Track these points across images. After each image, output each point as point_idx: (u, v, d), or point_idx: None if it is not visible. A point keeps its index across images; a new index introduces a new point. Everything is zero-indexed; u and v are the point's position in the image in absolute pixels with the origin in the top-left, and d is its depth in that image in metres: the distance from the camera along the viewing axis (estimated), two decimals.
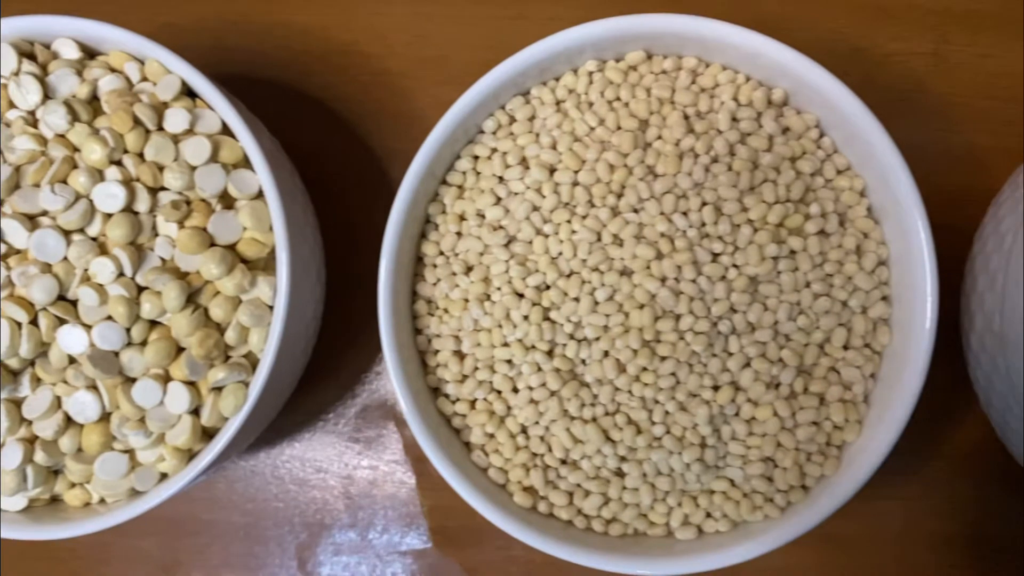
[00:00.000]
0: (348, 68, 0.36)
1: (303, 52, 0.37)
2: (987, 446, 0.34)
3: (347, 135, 0.36)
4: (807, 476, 0.28)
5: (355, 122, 0.36)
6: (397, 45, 0.36)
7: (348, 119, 0.36)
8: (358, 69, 0.36)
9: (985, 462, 0.34)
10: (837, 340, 0.27)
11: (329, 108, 0.36)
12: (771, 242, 0.27)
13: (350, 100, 0.36)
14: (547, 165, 0.28)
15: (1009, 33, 0.35)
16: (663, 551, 0.28)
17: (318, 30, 0.37)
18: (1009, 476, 0.34)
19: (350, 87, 0.36)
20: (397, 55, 0.36)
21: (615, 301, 0.27)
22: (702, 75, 0.28)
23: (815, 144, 0.28)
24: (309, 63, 0.37)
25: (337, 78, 0.36)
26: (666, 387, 0.27)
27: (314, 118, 0.36)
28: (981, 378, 0.31)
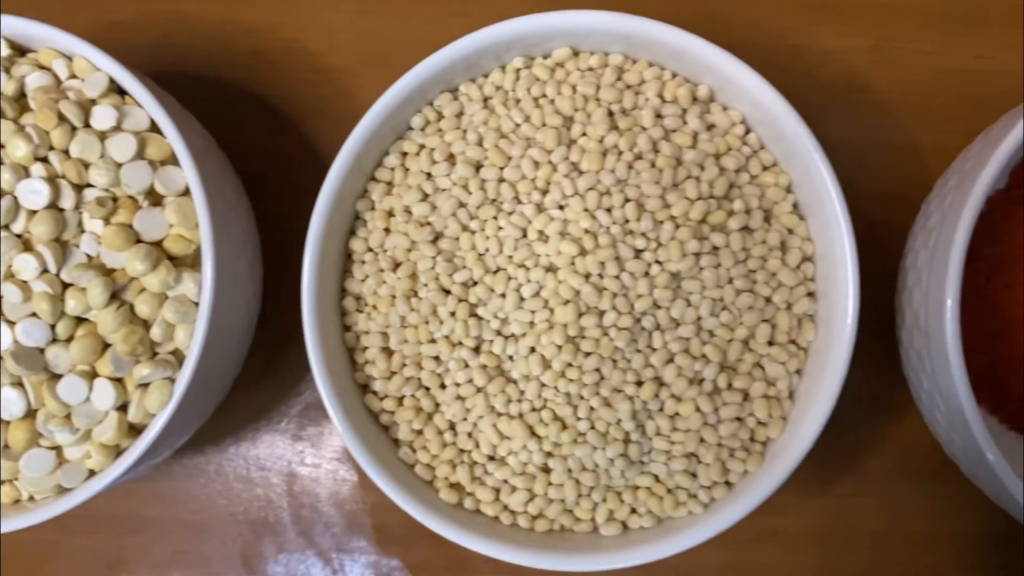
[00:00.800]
0: (292, 65, 0.36)
1: (248, 50, 0.37)
2: (927, 443, 0.34)
3: (291, 132, 0.36)
4: (731, 472, 0.28)
5: (299, 119, 0.36)
6: (341, 42, 0.36)
7: (292, 116, 0.36)
8: (302, 67, 0.36)
9: (925, 459, 0.34)
10: (761, 336, 0.27)
11: (273, 106, 0.36)
12: (692, 238, 0.27)
13: (294, 97, 0.36)
14: (473, 162, 0.28)
15: (950, 30, 0.35)
16: (589, 547, 0.27)
17: (263, 28, 0.37)
18: (948, 472, 0.34)
19: (294, 84, 0.36)
20: (341, 52, 0.36)
21: (541, 297, 0.27)
22: (628, 72, 0.28)
23: (741, 140, 0.28)
24: (254, 61, 0.37)
25: (281, 75, 0.36)
26: (590, 383, 0.27)
27: (258, 115, 0.36)
28: (911, 375, 0.31)
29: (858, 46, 0.35)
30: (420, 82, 0.28)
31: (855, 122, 0.35)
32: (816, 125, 0.35)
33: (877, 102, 0.35)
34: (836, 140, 0.35)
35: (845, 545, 0.35)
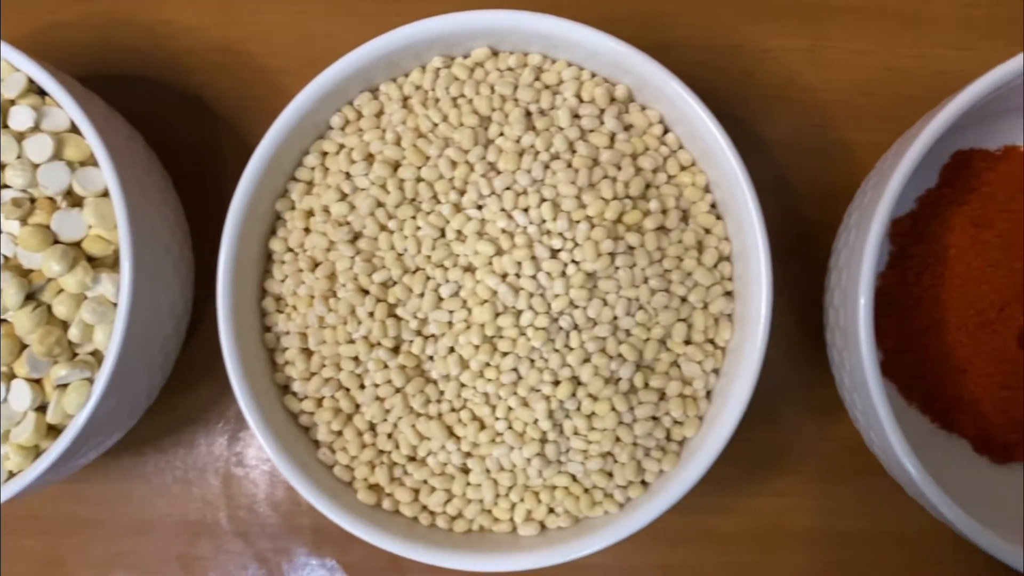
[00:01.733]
0: (229, 66, 0.36)
1: (185, 50, 0.37)
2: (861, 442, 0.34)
3: (228, 132, 0.36)
4: (646, 472, 0.27)
5: (236, 119, 0.36)
6: (279, 43, 0.36)
7: (229, 116, 0.36)
8: (239, 66, 0.36)
9: (860, 458, 0.34)
10: (678, 335, 0.27)
11: (210, 105, 0.36)
12: (607, 238, 0.27)
13: (232, 97, 0.36)
14: (391, 161, 0.28)
15: (884, 29, 0.35)
16: (507, 547, 0.27)
17: (200, 28, 0.37)
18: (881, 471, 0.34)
19: (232, 84, 0.36)
20: (278, 53, 0.36)
21: (459, 297, 0.27)
22: (547, 72, 0.28)
23: (659, 140, 0.28)
24: (191, 60, 0.36)
25: (218, 76, 0.36)
26: (507, 382, 0.27)
27: (195, 115, 0.36)
28: (836, 374, 0.31)
29: (795, 45, 0.35)
30: (337, 81, 0.27)
31: (792, 121, 0.35)
32: (753, 124, 0.35)
33: (813, 101, 0.35)
34: (773, 139, 0.35)
35: (779, 545, 0.35)
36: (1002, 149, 0.33)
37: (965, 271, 0.31)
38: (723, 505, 0.35)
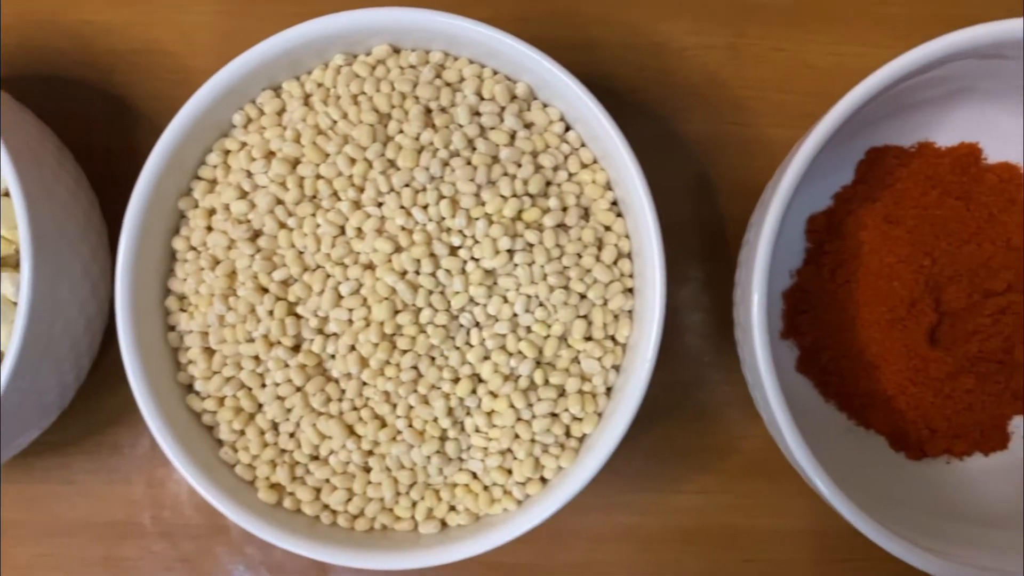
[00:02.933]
0: (151, 66, 0.36)
1: (107, 50, 0.36)
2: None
3: (148, 133, 0.36)
4: (545, 468, 0.27)
5: (157, 120, 0.36)
6: (200, 43, 0.36)
7: (151, 117, 0.36)
8: (161, 67, 0.36)
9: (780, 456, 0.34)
10: (577, 332, 0.27)
11: (132, 106, 0.36)
12: (505, 235, 0.27)
13: (153, 98, 0.36)
14: (291, 159, 0.28)
15: (803, 27, 0.35)
16: (409, 545, 0.27)
17: (122, 28, 0.36)
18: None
19: (153, 85, 0.36)
20: (201, 53, 0.36)
21: (360, 295, 0.27)
22: (448, 69, 0.28)
23: (559, 138, 0.28)
24: (113, 61, 0.36)
25: (140, 76, 0.36)
26: (407, 380, 0.27)
27: (115, 116, 0.36)
28: (743, 368, 0.31)
29: (714, 43, 0.35)
30: (237, 79, 0.27)
31: (711, 118, 0.35)
32: (672, 122, 0.35)
33: (732, 98, 0.35)
34: (692, 137, 0.35)
35: (700, 543, 0.35)
36: (916, 145, 0.33)
37: (877, 267, 0.31)
38: (646, 503, 0.35)
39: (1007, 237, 0.32)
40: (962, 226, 0.31)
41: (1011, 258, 0.31)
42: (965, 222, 0.31)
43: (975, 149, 0.33)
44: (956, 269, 0.31)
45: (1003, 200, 0.32)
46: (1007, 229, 0.32)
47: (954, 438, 0.32)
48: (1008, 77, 0.30)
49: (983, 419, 0.32)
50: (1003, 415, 0.32)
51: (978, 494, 0.32)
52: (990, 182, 0.32)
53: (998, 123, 0.32)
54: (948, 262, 0.31)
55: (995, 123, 0.32)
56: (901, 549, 0.27)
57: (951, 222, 0.31)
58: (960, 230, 0.31)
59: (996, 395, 0.31)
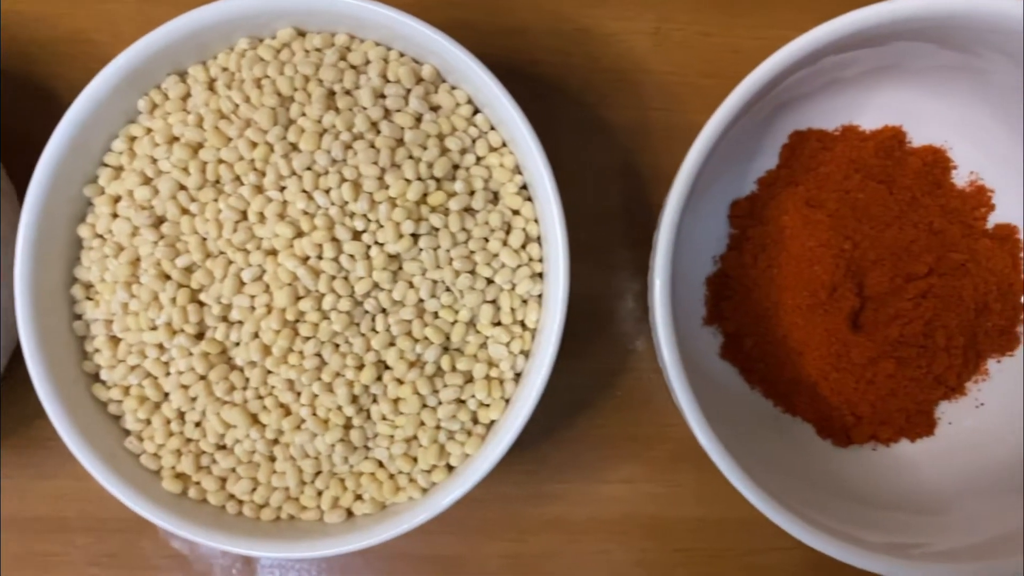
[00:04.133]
0: (76, 57, 0.36)
1: (30, 41, 0.36)
2: None
3: None
4: (451, 455, 0.27)
5: None
6: (126, 32, 0.36)
7: None
8: (87, 57, 0.36)
9: None
10: (485, 317, 0.27)
11: (55, 96, 0.36)
12: (408, 219, 0.26)
13: (77, 88, 0.35)
14: (193, 144, 0.27)
15: (729, 10, 0.35)
16: (316, 534, 0.27)
17: (46, 18, 0.36)
18: None
19: (79, 75, 0.36)
20: (125, 42, 0.35)
21: (263, 281, 0.27)
22: (354, 52, 0.28)
23: (467, 121, 0.28)
24: (38, 51, 0.36)
25: (65, 67, 0.36)
26: (310, 368, 0.27)
27: (42, 107, 0.36)
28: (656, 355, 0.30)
29: (639, 28, 0.35)
30: (137, 63, 0.27)
31: (638, 104, 0.35)
32: (599, 108, 0.35)
33: (659, 84, 0.35)
34: (619, 123, 0.35)
35: (627, 533, 0.34)
36: (840, 128, 0.32)
37: (798, 252, 0.31)
38: (573, 493, 0.34)
39: (929, 220, 0.31)
40: (884, 210, 0.31)
41: (933, 241, 0.31)
42: (888, 206, 0.31)
43: (899, 132, 0.32)
44: (878, 253, 0.31)
45: (927, 183, 0.32)
46: (929, 212, 0.31)
47: (880, 424, 0.32)
48: (932, 58, 0.30)
49: (908, 405, 0.31)
50: (928, 400, 0.32)
51: (906, 481, 0.32)
52: (914, 165, 0.32)
53: (923, 106, 0.32)
54: (870, 246, 0.31)
55: (920, 106, 0.32)
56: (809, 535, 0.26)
57: (873, 206, 0.31)
58: (882, 214, 0.31)
59: (918, 380, 0.31)
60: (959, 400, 0.32)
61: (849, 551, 0.26)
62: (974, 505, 0.31)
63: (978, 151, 0.32)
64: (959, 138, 0.32)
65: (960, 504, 0.31)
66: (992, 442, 0.32)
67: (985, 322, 0.32)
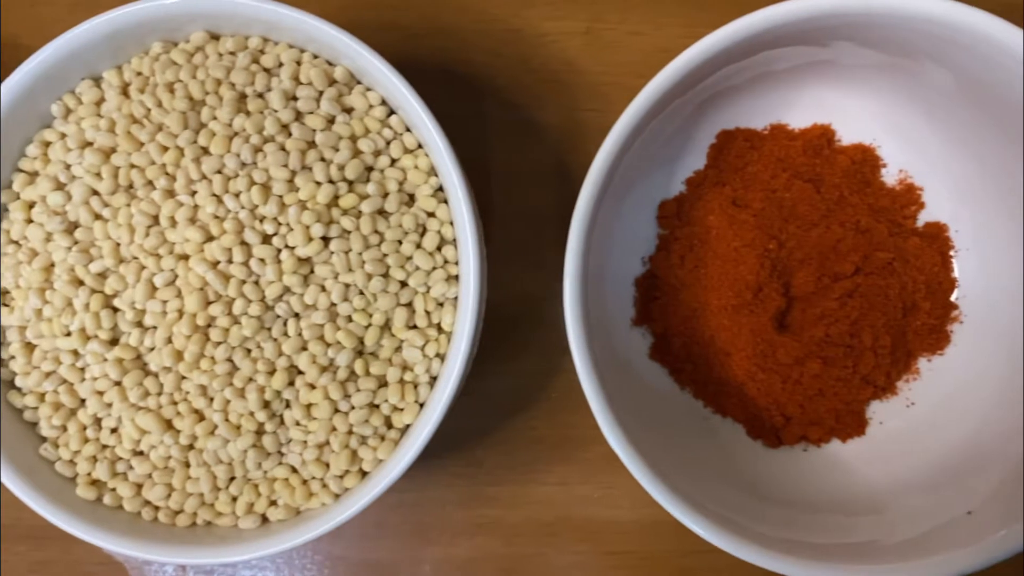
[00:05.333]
0: (7, 62, 0.36)
1: None
2: None
3: None
4: (363, 460, 0.27)
5: None
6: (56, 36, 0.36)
7: None
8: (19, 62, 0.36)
9: None
10: (399, 321, 0.27)
11: None
12: (317, 222, 0.26)
13: None
14: (106, 149, 0.27)
15: (659, 10, 0.35)
16: (231, 540, 0.27)
17: None
18: None
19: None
20: None
21: (175, 286, 0.27)
22: (266, 55, 0.28)
23: (381, 123, 0.28)
24: None
25: None
26: (222, 373, 0.26)
27: None
28: None
29: (571, 29, 0.35)
30: (49, 67, 0.27)
31: (569, 104, 0.35)
32: (531, 110, 0.35)
33: (590, 84, 0.35)
34: (551, 124, 0.35)
35: (561, 535, 0.34)
36: (769, 128, 0.32)
37: (724, 252, 0.31)
38: (507, 496, 0.34)
39: (857, 219, 0.31)
40: (811, 209, 0.31)
41: (860, 240, 0.31)
42: (815, 205, 0.31)
43: (828, 131, 0.32)
44: (806, 253, 0.31)
45: (856, 182, 0.32)
46: (857, 211, 0.31)
47: (809, 425, 0.32)
48: (863, 56, 0.29)
49: (837, 405, 0.31)
50: (858, 400, 0.31)
51: (839, 481, 0.32)
52: (842, 164, 0.32)
53: (853, 104, 0.32)
54: (796, 246, 0.31)
55: (851, 104, 0.32)
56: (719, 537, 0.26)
57: (800, 205, 0.31)
58: (809, 213, 0.31)
59: (846, 380, 0.31)
60: (890, 400, 0.32)
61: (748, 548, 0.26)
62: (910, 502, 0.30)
63: (908, 149, 0.32)
64: (889, 136, 0.32)
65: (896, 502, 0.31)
66: (923, 440, 0.31)
67: (914, 321, 0.31)
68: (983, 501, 0.28)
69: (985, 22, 0.25)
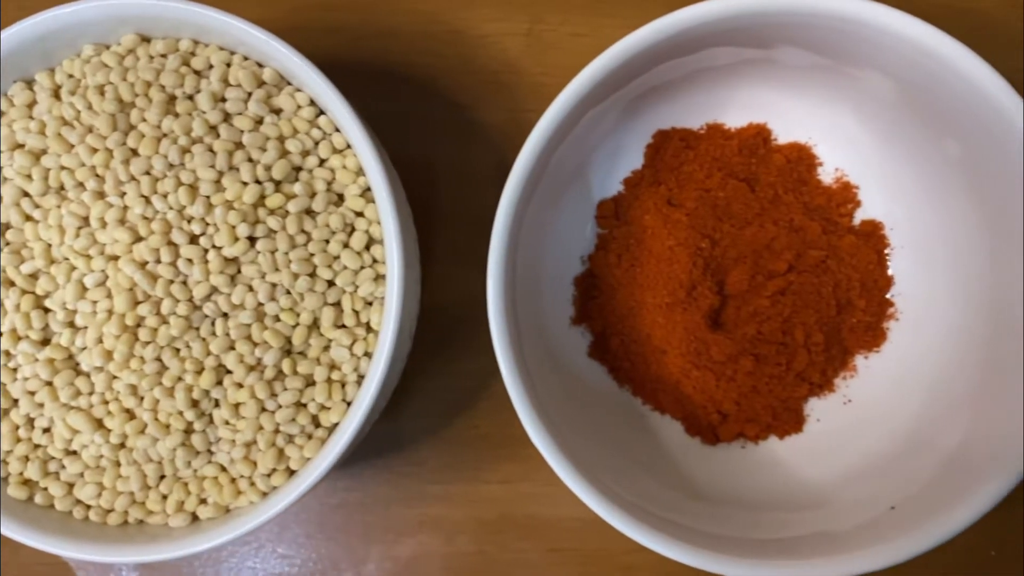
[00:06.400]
0: None
1: None
2: None
3: None
4: (290, 459, 0.27)
5: None
6: None
7: None
8: None
9: None
10: (327, 320, 0.27)
11: None
12: (242, 222, 0.26)
13: None
14: (36, 150, 0.27)
15: (598, 11, 0.35)
16: (162, 539, 0.27)
17: None
18: None
19: None
20: None
21: (105, 287, 0.27)
22: (197, 57, 0.28)
23: (309, 124, 0.28)
24: None
25: None
26: (151, 372, 0.27)
27: None
28: None
29: (512, 30, 0.35)
30: None
31: (511, 106, 0.35)
32: (472, 111, 0.35)
33: (531, 85, 0.35)
34: (493, 125, 0.35)
35: (503, 533, 0.34)
36: (705, 127, 0.33)
37: (659, 251, 0.31)
38: (450, 494, 0.34)
39: (790, 218, 0.31)
40: (745, 208, 0.31)
41: (793, 239, 0.31)
42: (749, 204, 0.31)
43: (764, 130, 0.32)
44: (740, 251, 0.31)
45: (791, 181, 0.32)
46: (791, 210, 0.31)
47: (746, 422, 0.32)
48: (802, 58, 0.29)
49: (772, 402, 0.31)
50: (794, 398, 0.32)
51: (777, 478, 0.32)
52: (778, 163, 0.32)
53: (791, 103, 0.32)
54: (731, 244, 0.31)
55: (788, 103, 0.32)
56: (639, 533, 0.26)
57: (735, 204, 0.31)
58: (743, 212, 0.31)
59: (779, 377, 0.31)
60: (828, 396, 0.32)
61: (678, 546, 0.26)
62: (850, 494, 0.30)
63: (844, 148, 0.32)
64: (825, 135, 0.32)
65: (837, 495, 0.31)
66: (861, 436, 0.32)
67: (850, 318, 0.32)
68: (919, 489, 0.28)
69: (921, 30, 0.25)
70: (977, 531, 0.34)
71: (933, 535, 0.26)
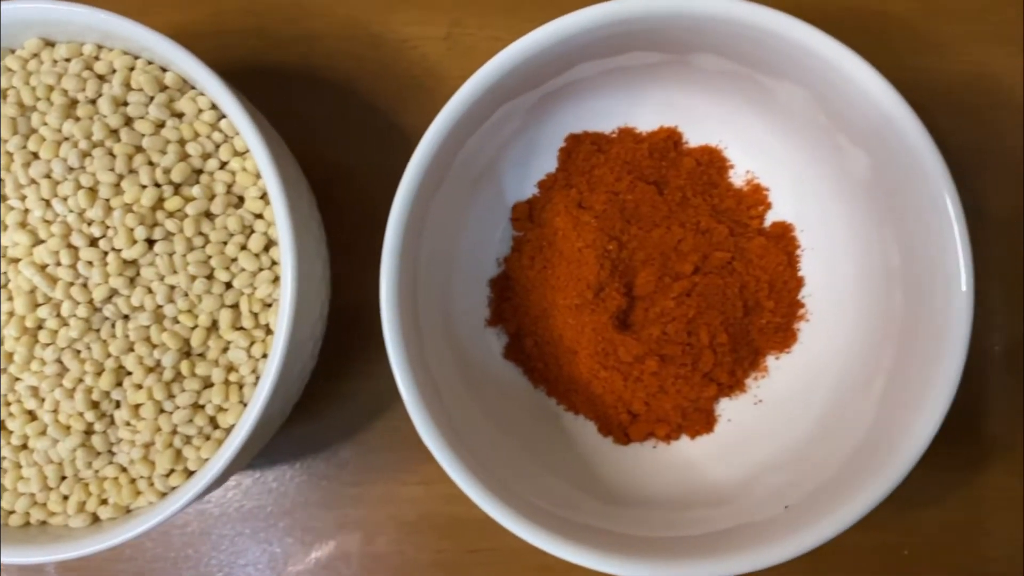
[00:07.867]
0: None
1: None
2: None
3: None
4: (188, 460, 0.27)
5: None
6: None
7: None
8: None
9: None
10: (225, 322, 0.27)
11: None
12: (141, 225, 0.27)
13: None
14: None
15: (517, 15, 0.35)
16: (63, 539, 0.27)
17: None
18: None
19: None
20: None
21: (7, 289, 0.27)
22: (100, 61, 0.28)
23: (210, 127, 0.28)
24: None
25: None
26: (51, 374, 0.27)
27: None
28: None
29: (432, 34, 0.35)
30: None
31: (430, 109, 0.34)
32: (392, 115, 0.36)
33: (451, 89, 0.34)
34: (413, 128, 0.35)
35: (422, 533, 0.34)
36: (616, 131, 0.33)
37: (569, 253, 0.31)
38: (370, 495, 0.35)
39: (697, 220, 0.32)
40: (653, 210, 0.32)
41: (700, 241, 0.31)
42: (657, 206, 0.32)
43: (675, 133, 0.33)
44: (648, 253, 0.31)
45: (701, 183, 0.32)
46: (699, 212, 0.32)
47: (656, 422, 0.32)
48: (715, 63, 0.30)
49: (681, 402, 0.32)
50: (704, 398, 0.32)
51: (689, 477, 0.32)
52: (688, 166, 0.32)
53: (702, 106, 0.32)
54: (639, 246, 0.31)
55: (699, 106, 0.32)
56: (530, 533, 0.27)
57: (643, 206, 0.31)
58: (651, 214, 0.31)
59: (685, 377, 0.31)
60: (739, 397, 0.33)
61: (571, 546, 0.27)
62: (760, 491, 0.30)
63: (756, 151, 0.33)
64: (737, 138, 0.33)
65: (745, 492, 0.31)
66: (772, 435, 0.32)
67: (759, 319, 0.32)
68: (831, 476, 0.29)
69: (828, 44, 0.25)
70: (890, 530, 0.34)
71: (849, 514, 0.26)
